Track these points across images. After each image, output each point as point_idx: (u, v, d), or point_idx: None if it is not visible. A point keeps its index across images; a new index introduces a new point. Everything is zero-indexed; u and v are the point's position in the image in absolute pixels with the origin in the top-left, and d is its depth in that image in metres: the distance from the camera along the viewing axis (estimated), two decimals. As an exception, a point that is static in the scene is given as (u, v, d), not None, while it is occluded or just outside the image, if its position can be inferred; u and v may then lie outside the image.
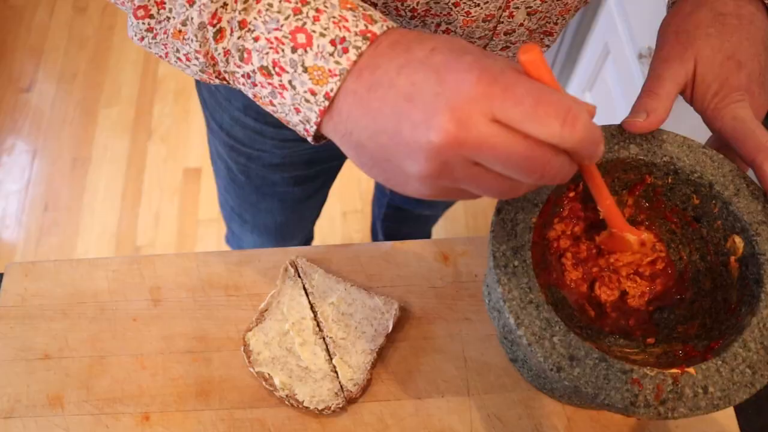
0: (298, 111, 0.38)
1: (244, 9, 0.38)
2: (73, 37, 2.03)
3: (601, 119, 1.27)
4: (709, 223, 0.49)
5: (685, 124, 0.98)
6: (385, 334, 0.56)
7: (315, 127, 0.38)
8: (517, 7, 0.51)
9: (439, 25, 0.51)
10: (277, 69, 0.37)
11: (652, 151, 0.47)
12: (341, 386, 0.54)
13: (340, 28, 0.36)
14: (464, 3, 0.49)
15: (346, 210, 1.73)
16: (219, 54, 0.39)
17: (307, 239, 1.17)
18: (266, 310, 0.58)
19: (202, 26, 0.39)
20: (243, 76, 0.39)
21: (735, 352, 0.41)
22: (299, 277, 0.59)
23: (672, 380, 0.40)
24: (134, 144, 1.82)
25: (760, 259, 0.44)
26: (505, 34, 0.54)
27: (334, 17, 0.36)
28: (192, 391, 0.55)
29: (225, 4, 0.38)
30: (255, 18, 0.37)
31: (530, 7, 0.52)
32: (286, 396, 0.53)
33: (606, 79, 1.29)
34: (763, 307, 0.42)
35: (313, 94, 0.36)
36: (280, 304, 0.58)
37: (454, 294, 0.60)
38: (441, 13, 0.50)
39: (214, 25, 0.39)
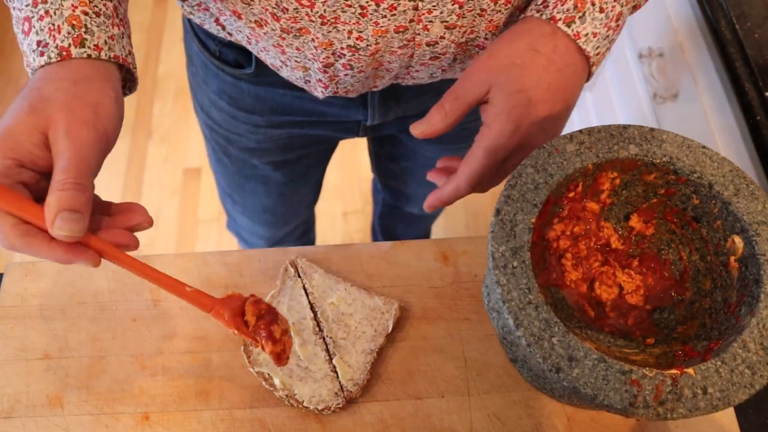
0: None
1: None
2: (73, 36, 2.03)
3: (601, 119, 1.27)
4: (708, 223, 0.49)
5: (685, 124, 0.98)
6: (385, 334, 0.56)
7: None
8: (431, 21, 0.52)
9: (351, 32, 0.52)
10: (18, 38, 0.46)
11: (651, 151, 0.48)
12: (341, 386, 0.54)
13: (50, 35, 0.43)
14: (371, 14, 0.50)
15: (346, 210, 1.73)
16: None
17: (307, 227, 1.17)
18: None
19: None
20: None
21: (734, 352, 0.41)
22: (299, 277, 0.59)
23: (671, 381, 0.40)
24: (134, 144, 1.82)
25: (759, 259, 0.44)
26: (428, 45, 0.55)
27: (52, 25, 0.43)
28: (192, 391, 0.55)
29: None
30: None
31: (446, 21, 0.52)
32: (286, 396, 0.53)
33: (606, 79, 1.29)
34: (763, 307, 0.42)
35: (27, 71, 0.45)
36: (280, 304, 0.58)
37: (454, 294, 0.60)
38: (350, 21, 0.51)
39: None
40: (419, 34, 0.53)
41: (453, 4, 0.50)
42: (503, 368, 0.56)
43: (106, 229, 0.44)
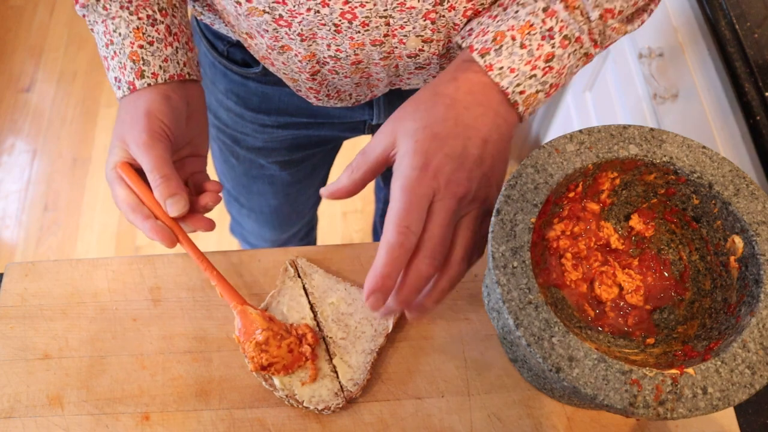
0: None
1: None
2: (72, 37, 2.03)
3: (601, 119, 1.27)
4: (708, 223, 0.49)
5: (685, 124, 0.98)
6: (385, 334, 0.56)
7: None
8: (405, 36, 0.52)
9: (329, 45, 0.54)
10: (104, 63, 0.57)
11: (651, 151, 0.48)
12: (341, 386, 0.54)
13: (121, 72, 0.54)
14: (345, 30, 0.51)
15: (346, 210, 1.73)
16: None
17: (309, 228, 1.17)
18: (266, 310, 0.58)
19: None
20: None
21: (734, 352, 0.41)
22: (299, 277, 0.59)
23: (671, 381, 0.40)
24: (134, 144, 1.82)
25: (759, 259, 0.44)
26: (409, 57, 0.56)
27: (120, 63, 0.54)
28: (192, 391, 0.55)
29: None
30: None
31: (420, 35, 0.53)
32: (286, 396, 0.53)
33: (606, 79, 1.29)
34: (763, 307, 0.42)
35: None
36: (280, 304, 0.58)
37: (454, 294, 0.60)
38: (327, 36, 0.53)
39: (83, 6, 0.55)
40: (396, 48, 0.54)
41: (425, 20, 0.51)
42: (503, 368, 0.56)
43: (191, 213, 0.56)
